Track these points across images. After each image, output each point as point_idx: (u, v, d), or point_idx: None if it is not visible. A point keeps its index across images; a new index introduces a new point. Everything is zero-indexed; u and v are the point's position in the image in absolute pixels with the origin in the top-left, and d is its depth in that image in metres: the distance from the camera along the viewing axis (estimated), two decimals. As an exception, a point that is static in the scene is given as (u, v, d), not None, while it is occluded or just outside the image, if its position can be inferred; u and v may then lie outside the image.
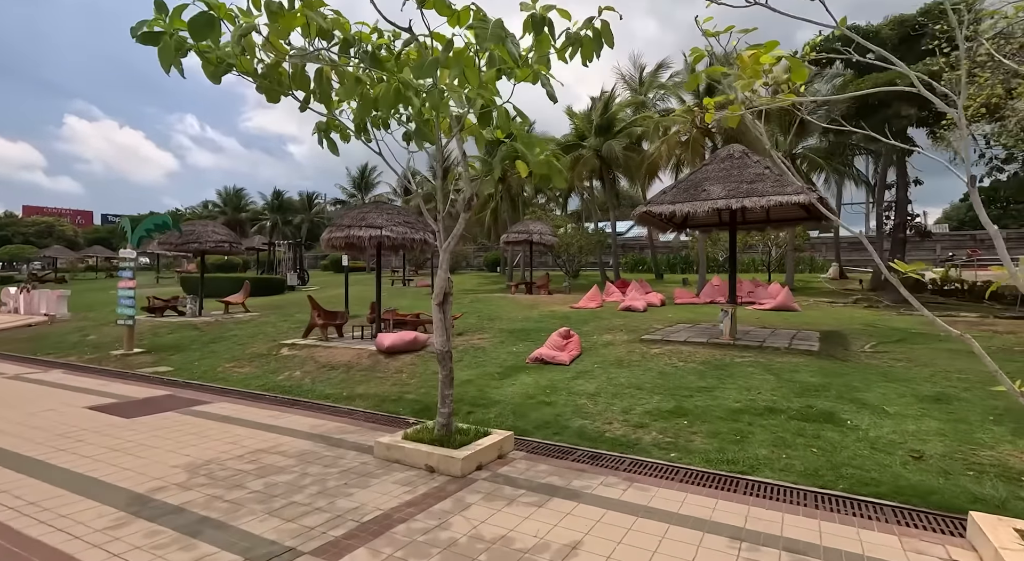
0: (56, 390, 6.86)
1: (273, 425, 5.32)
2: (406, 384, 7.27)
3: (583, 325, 11.25)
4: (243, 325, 12.79)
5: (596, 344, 9.10)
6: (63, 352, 10.69)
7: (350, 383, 7.44)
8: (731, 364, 7.30)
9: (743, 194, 7.92)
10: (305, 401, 6.53)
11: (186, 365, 9.08)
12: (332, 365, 8.35)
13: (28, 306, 19.57)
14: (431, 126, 4.37)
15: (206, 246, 13.96)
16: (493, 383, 7.07)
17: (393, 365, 8.24)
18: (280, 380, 7.78)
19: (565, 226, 20.55)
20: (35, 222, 64.96)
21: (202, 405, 6.15)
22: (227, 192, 44.88)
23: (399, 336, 8.72)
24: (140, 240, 10.23)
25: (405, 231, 9.56)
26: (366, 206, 9.99)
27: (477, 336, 10.24)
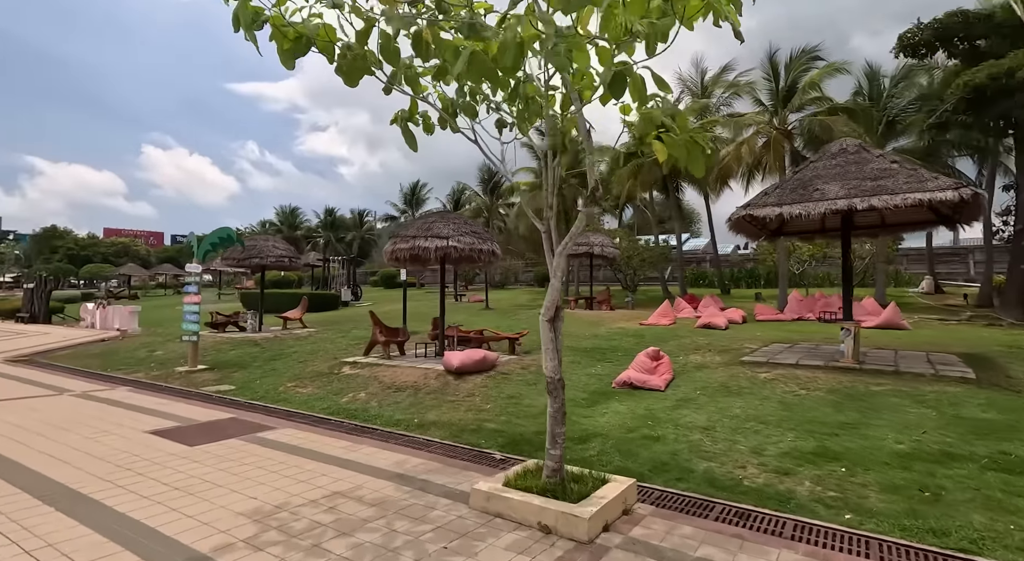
0: (120, 411, 6.55)
1: (346, 459, 4.65)
2: (482, 410, 6.50)
3: (662, 344, 10.17)
4: (302, 341, 12.52)
5: (687, 366, 8.05)
6: (130, 368, 10.68)
7: (420, 408, 6.75)
8: (868, 393, 6.09)
9: (868, 192, 6.76)
10: (374, 428, 5.87)
11: (248, 383, 8.73)
12: (398, 386, 7.72)
13: (103, 321, 20.47)
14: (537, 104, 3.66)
15: (267, 261, 13.94)
16: (582, 411, 6.19)
17: (464, 387, 7.51)
18: (344, 402, 7.21)
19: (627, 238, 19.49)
20: (113, 243, 70.22)
21: (267, 431, 5.60)
22: (283, 211, 46.71)
23: (468, 355, 8.01)
24: (206, 254, 10.13)
25: (473, 241, 8.94)
26: (431, 216, 9.47)
27: (548, 355, 9.38)
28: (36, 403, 6.86)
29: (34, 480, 4.03)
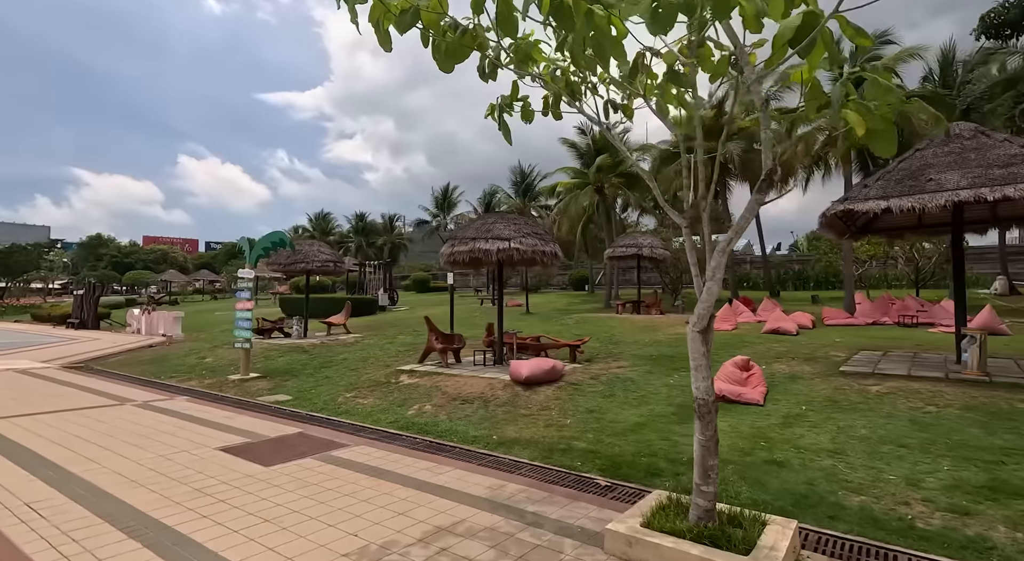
0: (184, 424, 6.27)
1: (437, 485, 4.18)
2: (563, 426, 5.96)
3: (734, 351, 9.45)
4: (350, 348, 12.24)
5: (776, 377, 7.34)
6: (183, 375, 10.55)
7: (494, 422, 6.26)
8: (1016, 412, 5.30)
9: (998, 181, 5.97)
10: (452, 446, 5.39)
11: (304, 393, 8.41)
12: (463, 397, 7.26)
13: (148, 327, 20.78)
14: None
15: (312, 266, 13.76)
16: (678, 428, 5.58)
17: (535, 399, 7.00)
18: (411, 415, 6.78)
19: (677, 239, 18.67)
20: (153, 250, 72.69)
21: (340, 449, 5.19)
22: (316, 217, 47.33)
23: (536, 365, 7.49)
24: (258, 259, 9.92)
25: (535, 243, 8.44)
26: (490, 216, 9.01)
27: (615, 363, 8.80)
28: (100, 414, 6.65)
29: (114, 507, 3.68)
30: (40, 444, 5.19)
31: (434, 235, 39.82)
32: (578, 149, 21.56)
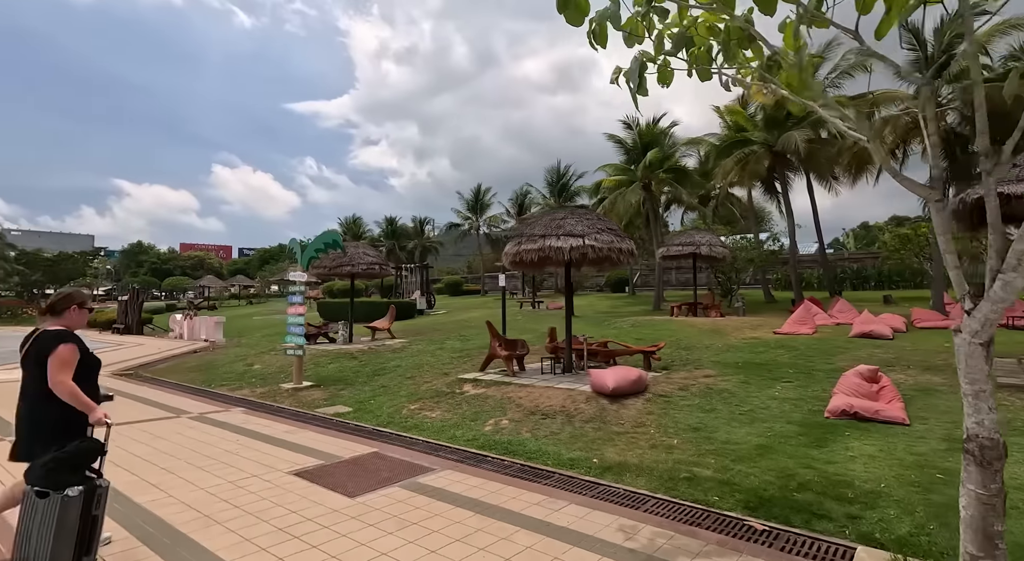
0: (246, 440, 5.74)
1: (559, 527, 3.47)
2: (671, 447, 5.17)
3: (828, 357, 8.50)
4: (399, 355, 11.70)
5: (903, 389, 6.37)
6: (232, 383, 10.18)
7: (588, 442, 5.52)
8: None
9: None
10: (549, 471, 4.69)
11: (363, 404, 7.85)
12: (542, 411, 6.55)
13: (191, 332, 20.84)
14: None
15: (358, 269, 13.32)
16: (812, 452, 4.74)
17: (626, 414, 6.23)
18: (488, 432, 6.10)
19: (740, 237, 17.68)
20: (190, 257, 74.75)
21: (427, 475, 4.54)
22: (347, 221, 47.56)
23: (622, 375, 6.73)
24: (310, 261, 9.46)
25: (611, 240, 7.68)
26: (558, 211, 8.30)
27: (699, 373, 7.95)
28: (158, 428, 6.20)
29: (190, 553, 3.10)
30: (99, 465, 4.70)
31: (467, 238, 39.39)
32: (624, 145, 20.66)
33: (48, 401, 2.75)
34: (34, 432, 2.79)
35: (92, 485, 2.70)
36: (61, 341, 2.80)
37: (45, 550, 2.52)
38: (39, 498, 2.58)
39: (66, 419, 2.79)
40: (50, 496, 2.57)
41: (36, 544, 2.53)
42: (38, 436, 2.77)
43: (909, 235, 16.56)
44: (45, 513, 2.55)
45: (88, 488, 2.66)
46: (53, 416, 2.77)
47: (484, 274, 37.42)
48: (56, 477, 2.61)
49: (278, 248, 75.97)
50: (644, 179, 18.97)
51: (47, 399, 2.75)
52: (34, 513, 2.56)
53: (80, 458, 2.74)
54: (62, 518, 2.55)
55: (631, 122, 20.37)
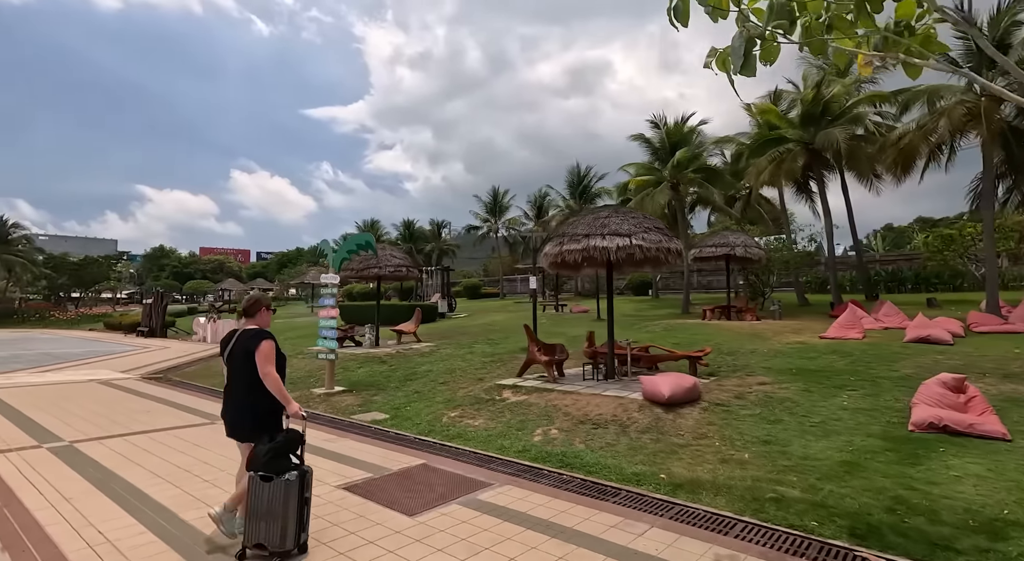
0: (287, 448, 5.47)
1: (649, 555, 3.11)
2: (743, 462, 4.77)
3: (889, 364, 7.99)
4: (428, 358, 11.43)
5: (988, 399, 5.87)
6: (262, 387, 9.99)
7: (649, 455, 5.14)
8: None
9: None
10: (615, 487, 4.33)
11: (400, 410, 7.57)
12: (593, 421, 6.18)
13: (214, 335, 20.86)
14: None
15: (385, 271, 13.10)
16: (912, 473, 4.29)
17: (684, 425, 5.84)
18: (538, 442, 5.75)
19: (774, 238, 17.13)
20: (210, 260, 75.80)
21: (485, 491, 4.22)
22: (365, 224, 47.72)
23: (676, 382, 6.33)
24: (342, 262, 9.23)
25: (659, 239, 7.30)
26: (601, 210, 7.95)
27: (753, 379, 7.50)
28: (195, 436, 5.98)
29: (247, 582, 2.81)
30: (141, 477, 4.47)
31: (485, 240, 39.15)
32: (651, 144, 20.21)
33: (259, 390, 3.14)
34: (247, 417, 3.19)
35: (303, 470, 3.07)
36: (263, 338, 3.19)
37: (272, 525, 2.91)
38: (264, 482, 2.96)
39: (271, 407, 3.17)
40: (273, 480, 2.95)
41: (265, 522, 2.92)
42: (251, 420, 3.18)
43: (953, 235, 15.83)
44: (271, 495, 2.94)
45: (301, 473, 3.04)
46: (262, 403, 3.16)
47: (503, 277, 37.09)
48: (276, 464, 2.99)
49: (295, 252, 76.70)
50: (672, 179, 18.49)
51: (258, 389, 3.14)
52: (261, 495, 2.95)
53: (291, 447, 3.10)
54: (286, 499, 2.93)
55: (658, 121, 19.93)
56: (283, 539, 2.92)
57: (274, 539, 2.91)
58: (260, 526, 2.93)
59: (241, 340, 3.23)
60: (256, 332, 3.23)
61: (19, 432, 6.05)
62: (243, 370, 3.16)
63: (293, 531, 2.96)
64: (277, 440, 3.07)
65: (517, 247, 38.87)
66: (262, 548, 2.94)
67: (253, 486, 2.98)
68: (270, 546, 2.93)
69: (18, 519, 3.48)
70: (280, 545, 2.92)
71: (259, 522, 2.93)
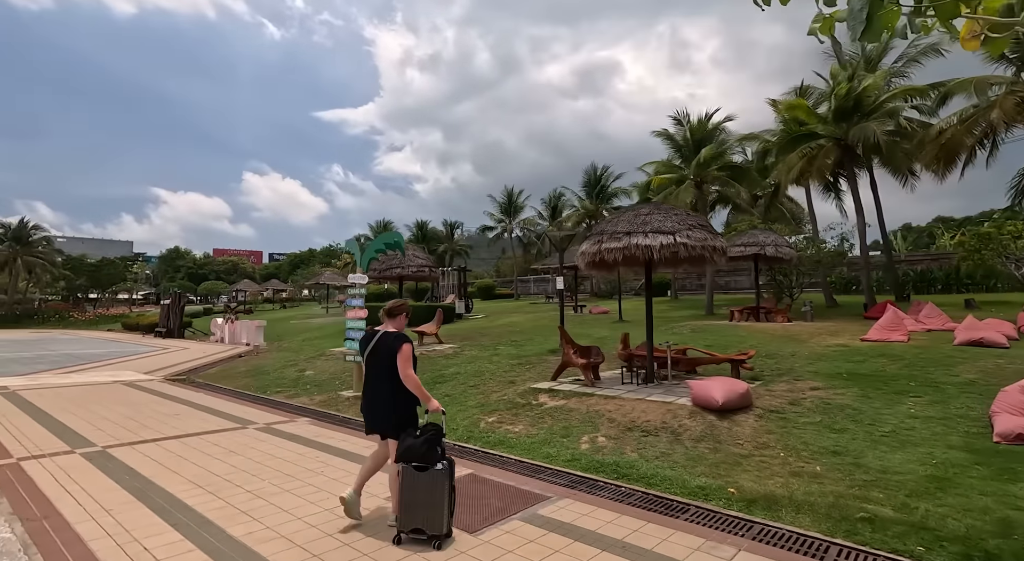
0: (326, 456, 5.25)
1: (748, 582, 2.80)
2: (816, 476, 4.44)
3: (948, 370, 7.57)
4: (453, 360, 11.19)
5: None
6: (288, 390, 9.81)
7: (711, 465, 4.83)
8: None
9: None
10: (683, 502, 4.03)
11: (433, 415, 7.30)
12: (641, 428, 5.87)
13: (232, 336, 20.83)
14: None
15: (408, 271, 12.92)
16: (1015, 491, 3.94)
17: (740, 433, 5.51)
18: (587, 450, 5.46)
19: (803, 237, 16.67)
20: (224, 261, 76.41)
21: (544, 505, 3.94)
22: (378, 225, 47.73)
23: (729, 388, 6.01)
24: (370, 262, 9.02)
25: (705, 237, 6.99)
26: (642, 207, 7.64)
27: (803, 385, 7.14)
28: (228, 441, 5.77)
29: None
30: (180, 486, 4.25)
31: (498, 241, 38.91)
32: (674, 141, 19.82)
33: (401, 388, 3.42)
34: (392, 412, 3.46)
35: (450, 459, 3.34)
36: (404, 341, 3.47)
37: (429, 511, 3.17)
38: (419, 472, 3.20)
39: (410, 403, 3.50)
40: (428, 470, 3.21)
41: (422, 509, 3.19)
42: (396, 416, 3.45)
43: (992, 234, 15.26)
44: (426, 483, 3.19)
45: (449, 462, 3.31)
46: (404, 400, 3.47)
47: (517, 277, 36.80)
48: (431, 455, 3.24)
49: (308, 253, 77.07)
50: (696, 177, 18.09)
51: (401, 387, 3.42)
52: (417, 483, 3.20)
53: (439, 439, 3.35)
54: (440, 486, 3.19)
55: (682, 118, 19.54)
56: (439, 523, 3.17)
57: (431, 523, 3.16)
58: (417, 513, 3.18)
59: (386, 340, 3.50)
60: (398, 335, 3.52)
61: (50, 436, 5.89)
62: (386, 367, 3.45)
63: (446, 515, 3.20)
64: (429, 433, 3.32)
65: (531, 248, 38.57)
66: (419, 532, 3.19)
67: (408, 476, 3.22)
68: (429, 530, 3.17)
69: (60, 534, 3.27)
70: (438, 529, 3.17)
71: (415, 509, 3.18)
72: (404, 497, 3.21)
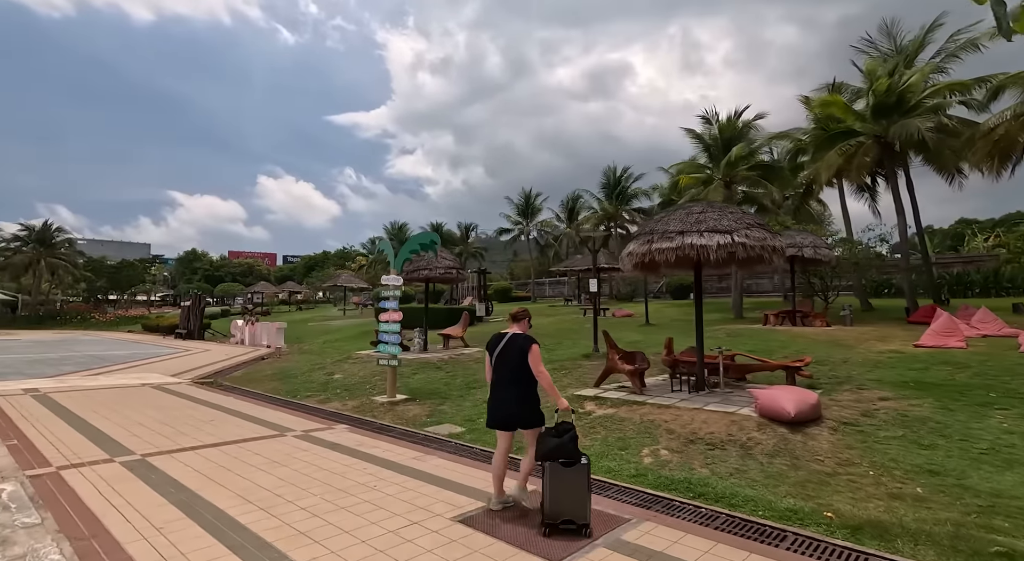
0: (375, 468, 4.95)
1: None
2: (924, 499, 4.03)
3: (1019, 379, 7.07)
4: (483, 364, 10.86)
5: None
6: (318, 394, 9.57)
7: (795, 484, 4.44)
8: None
9: None
10: (777, 527, 3.64)
11: (473, 422, 6.99)
12: (704, 440, 5.49)
13: (252, 338, 20.75)
14: None
15: (435, 273, 12.65)
16: None
17: (817, 447, 5.11)
18: (650, 465, 5.10)
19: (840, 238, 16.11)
20: (240, 263, 77.11)
21: (628, 529, 3.59)
22: (393, 227, 47.70)
23: (800, 398, 5.60)
24: (404, 263, 8.74)
25: (764, 236, 6.60)
26: (695, 205, 7.25)
27: (871, 394, 6.69)
28: (268, 450, 5.50)
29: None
30: (230, 502, 3.97)
31: (515, 243, 38.61)
32: (702, 140, 19.36)
33: (533, 385, 3.79)
34: (520, 408, 3.75)
35: (586, 455, 3.60)
36: (533, 341, 3.82)
37: (576, 503, 3.44)
38: (565, 467, 3.48)
39: (535, 399, 3.81)
40: (574, 466, 3.48)
41: (566, 499, 3.44)
42: (522, 409, 3.75)
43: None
44: (570, 478, 3.46)
45: (587, 457, 3.58)
46: (531, 396, 3.79)
47: (534, 280, 36.43)
48: (577, 452, 3.52)
49: (322, 255, 77.47)
50: (725, 177, 17.62)
51: (526, 383, 3.77)
52: (564, 479, 3.47)
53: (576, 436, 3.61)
54: (583, 480, 3.48)
55: (710, 117, 19.07)
56: (585, 513, 3.43)
57: (578, 513, 3.43)
58: (565, 505, 3.43)
59: (516, 341, 3.82)
60: (527, 337, 3.85)
61: (87, 442, 5.67)
62: (516, 366, 3.75)
63: (585, 505, 3.45)
64: (571, 431, 3.57)
65: (548, 250, 38.20)
66: (569, 522, 3.42)
67: (555, 473, 3.47)
68: (577, 520, 3.43)
69: (112, 556, 3.00)
70: (584, 518, 3.44)
71: (563, 501, 3.43)
72: (553, 492, 3.45)
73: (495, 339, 3.94)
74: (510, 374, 3.78)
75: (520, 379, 3.75)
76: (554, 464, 3.47)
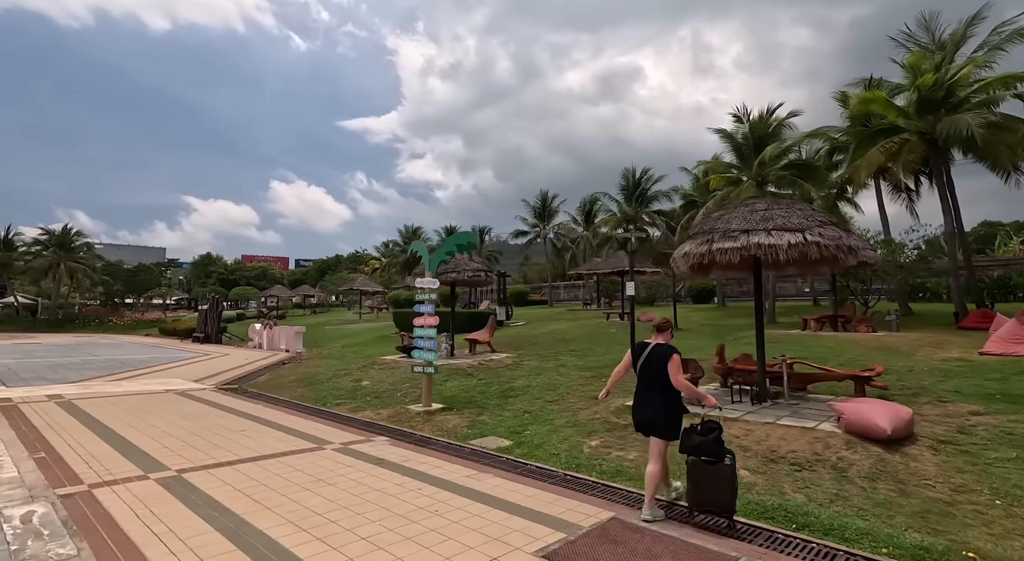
0: (432, 490, 4.50)
1: None
2: (1069, 532, 3.48)
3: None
4: (517, 372, 10.41)
5: None
6: (347, 401, 9.17)
7: (912, 516, 3.92)
8: None
9: None
10: (913, 567, 3.12)
11: (518, 434, 6.54)
12: (787, 459, 4.97)
13: (270, 342, 20.49)
14: None
15: (464, 276, 12.23)
16: None
17: (922, 470, 4.57)
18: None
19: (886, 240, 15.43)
20: (254, 267, 77.56)
21: (740, 567, 3.09)
22: (407, 230, 47.50)
23: (894, 413, 5.07)
24: (439, 264, 8.34)
25: (838, 236, 6.07)
26: (757, 202, 6.75)
27: (963, 409, 6.12)
28: (308, 465, 5.09)
29: None
30: (279, 527, 3.55)
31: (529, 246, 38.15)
32: (733, 139, 18.80)
33: (676, 392, 3.85)
34: (661, 412, 3.87)
35: (732, 453, 3.69)
36: (675, 351, 3.91)
37: (720, 497, 3.59)
38: (708, 465, 3.62)
39: (678, 405, 3.90)
40: (719, 464, 3.60)
41: (715, 493, 3.60)
42: (664, 415, 3.86)
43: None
44: (714, 474, 3.60)
45: (731, 455, 3.66)
46: (674, 402, 3.88)
47: (551, 284, 35.92)
48: (721, 452, 3.62)
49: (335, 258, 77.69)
50: (757, 177, 17.04)
51: (670, 390, 3.84)
52: (705, 474, 3.62)
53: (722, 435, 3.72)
54: (730, 475, 3.58)
55: (742, 115, 18.50)
56: (727, 505, 3.59)
57: (720, 505, 3.60)
58: (710, 496, 3.62)
59: (659, 350, 3.93)
60: (669, 346, 3.95)
61: (117, 456, 5.31)
62: (660, 374, 3.84)
63: (731, 499, 3.59)
64: (716, 432, 3.67)
65: (564, 253, 37.70)
66: (711, 512, 3.66)
67: (697, 468, 3.66)
68: (719, 512, 3.61)
69: (159, 604, 2.57)
70: (727, 510, 3.59)
71: (708, 493, 3.62)
72: (695, 487, 3.66)
73: (639, 348, 4.08)
74: (652, 382, 3.92)
75: (661, 386, 3.87)
76: (696, 460, 3.65)
